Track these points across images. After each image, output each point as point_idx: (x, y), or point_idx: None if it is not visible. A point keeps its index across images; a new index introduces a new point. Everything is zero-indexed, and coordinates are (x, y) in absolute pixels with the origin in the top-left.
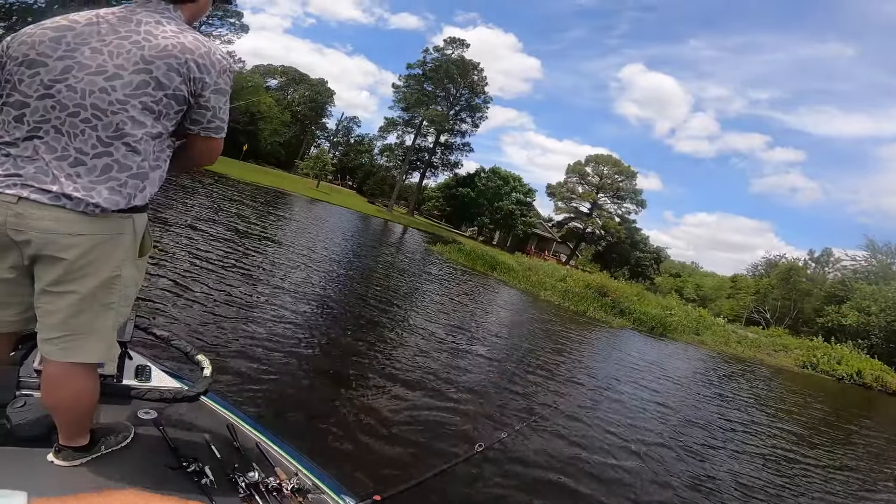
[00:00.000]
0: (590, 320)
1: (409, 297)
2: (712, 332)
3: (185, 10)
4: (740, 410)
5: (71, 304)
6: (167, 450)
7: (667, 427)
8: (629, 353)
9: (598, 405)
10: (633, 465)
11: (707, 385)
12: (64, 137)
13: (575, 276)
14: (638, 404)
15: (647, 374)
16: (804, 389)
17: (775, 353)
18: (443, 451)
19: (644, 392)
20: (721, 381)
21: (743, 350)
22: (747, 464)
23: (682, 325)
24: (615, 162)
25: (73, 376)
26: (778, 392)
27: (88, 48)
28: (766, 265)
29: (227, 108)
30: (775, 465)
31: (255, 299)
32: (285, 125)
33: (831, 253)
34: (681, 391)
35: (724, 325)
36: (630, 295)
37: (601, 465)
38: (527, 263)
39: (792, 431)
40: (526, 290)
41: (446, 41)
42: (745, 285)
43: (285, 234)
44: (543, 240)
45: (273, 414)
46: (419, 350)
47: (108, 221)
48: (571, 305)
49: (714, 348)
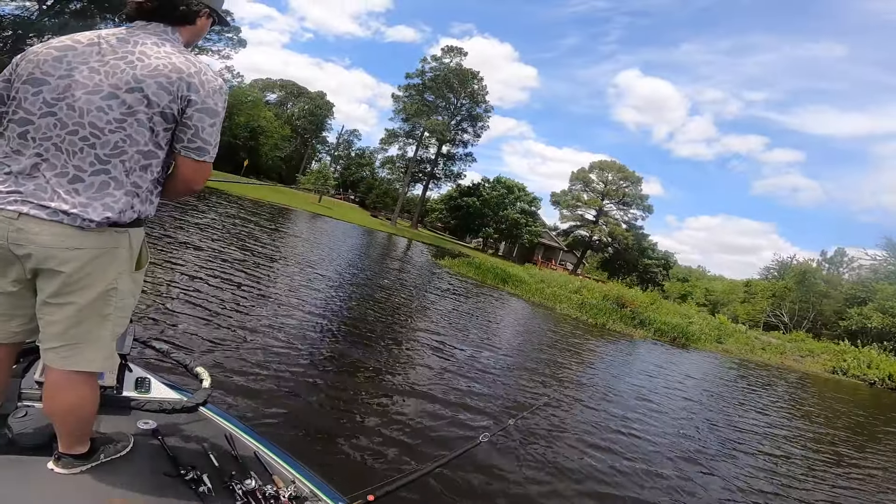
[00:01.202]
0: (610, 333)
1: (418, 313)
2: (735, 340)
3: (183, 33)
4: (785, 419)
5: (70, 315)
6: (166, 459)
7: (714, 437)
8: (657, 364)
9: (641, 418)
10: (703, 478)
11: (743, 394)
12: (63, 155)
13: (590, 287)
14: (678, 416)
15: (680, 385)
16: (838, 395)
17: (801, 358)
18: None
19: (680, 402)
20: (755, 391)
21: (769, 357)
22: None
23: (704, 334)
24: (619, 168)
25: (74, 384)
26: (814, 399)
27: (87, 67)
28: (779, 267)
29: (213, 131)
30: (837, 471)
31: (255, 314)
32: (285, 139)
33: (844, 252)
34: (719, 401)
35: (745, 332)
36: (647, 304)
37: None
38: (538, 275)
39: (846, 439)
40: (541, 304)
41: (444, 50)
42: (759, 289)
43: (287, 249)
44: (549, 249)
45: (272, 424)
46: (430, 367)
47: (104, 236)
48: (590, 318)
49: (739, 356)
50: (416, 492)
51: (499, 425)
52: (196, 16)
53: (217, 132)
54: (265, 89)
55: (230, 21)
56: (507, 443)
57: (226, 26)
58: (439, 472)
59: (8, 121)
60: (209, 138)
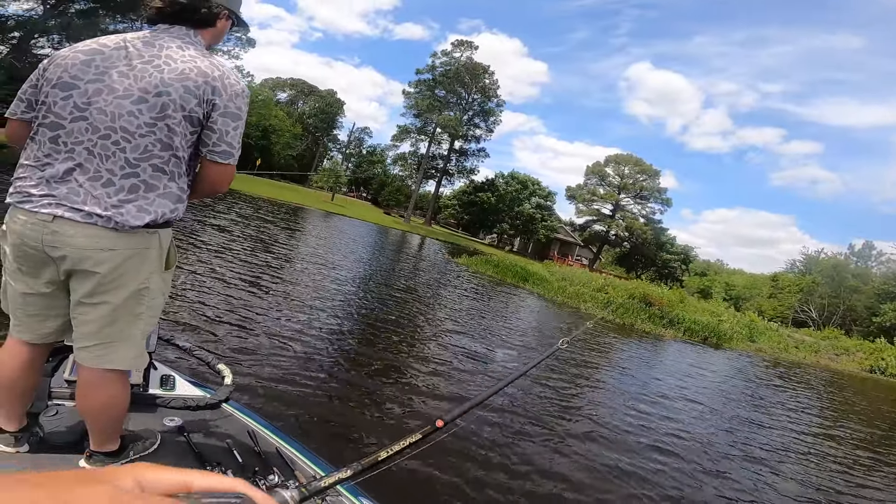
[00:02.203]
0: (640, 333)
1: (441, 313)
2: (767, 338)
3: (204, 35)
4: (834, 424)
5: (104, 315)
6: (192, 455)
7: (765, 439)
8: (695, 365)
9: (691, 425)
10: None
11: (787, 397)
12: (96, 159)
13: (615, 285)
14: (726, 422)
15: (721, 388)
16: (883, 395)
17: (836, 356)
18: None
19: (726, 405)
20: (797, 392)
21: (804, 356)
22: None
23: (736, 333)
24: (636, 161)
25: (107, 382)
26: (858, 399)
27: (116, 72)
28: (806, 261)
29: (237, 134)
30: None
31: (274, 312)
32: (297, 138)
33: (873, 246)
34: (765, 405)
35: (777, 330)
36: (675, 302)
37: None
38: (559, 272)
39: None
40: (564, 303)
41: (454, 44)
42: (787, 284)
43: (303, 248)
44: (565, 244)
45: (293, 421)
46: (454, 368)
47: (136, 237)
48: (617, 318)
49: (773, 356)
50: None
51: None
52: (216, 18)
53: (240, 135)
54: (275, 88)
55: (247, 23)
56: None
57: (245, 28)
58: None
59: (38, 125)
60: (233, 141)
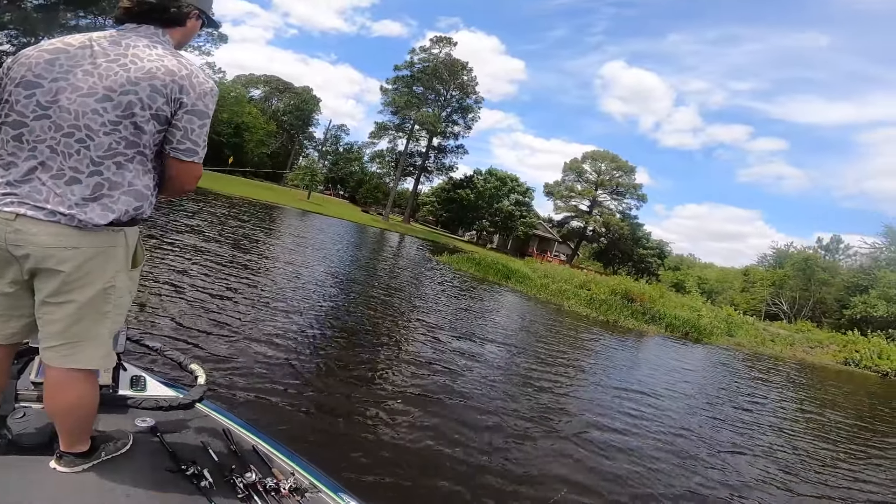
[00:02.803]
0: (624, 330)
1: (419, 311)
2: (745, 332)
3: (173, 35)
4: (836, 421)
5: (70, 313)
6: (166, 455)
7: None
8: (678, 361)
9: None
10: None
11: (777, 395)
12: (59, 157)
13: (597, 282)
14: (717, 418)
15: (709, 384)
16: (862, 390)
17: (811, 349)
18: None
19: (723, 407)
20: (787, 389)
21: (781, 349)
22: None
23: (715, 328)
24: (612, 157)
25: (74, 382)
26: (842, 395)
27: (81, 70)
28: (776, 255)
29: (202, 132)
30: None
31: (248, 312)
32: (271, 135)
33: (840, 240)
34: (760, 405)
35: (753, 324)
36: (656, 298)
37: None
38: (541, 270)
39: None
40: (548, 301)
41: (432, 40)
42: (759, 277)
43: (278, 248)
44: (544, 240)
45: (269, 419)
46: (431, 363)
47: (101, 235)
48: (601, 315)
49: (752, 350)
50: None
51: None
52: (186, 17)
53: (205, 133)
54: (248, 85)
55: (219, 22)
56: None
57: (216, 27)
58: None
59: (1, 123)
60: (198, 139)
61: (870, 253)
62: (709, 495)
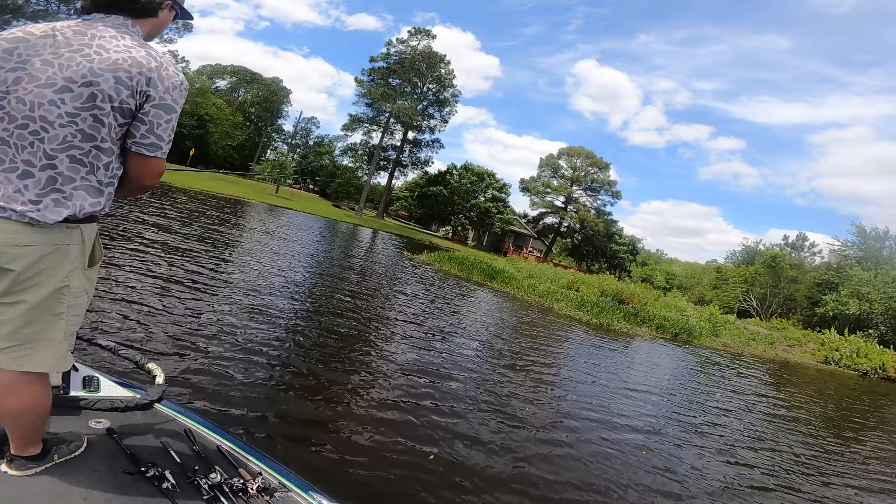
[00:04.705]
0: (616, 333)
1: (398, 313)
2: (728, 332)
3: (143, 25)
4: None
5: (21, 315)
6: (124, 457)
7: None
8: (691, 368)
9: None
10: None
11: (778, 396)
12: (11, 150)
13: (584, 281)
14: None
15: (727, 397)
16: (849, 390)
17: (790, 348)
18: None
19: (735, 421)
20: (783, 393)
21: (763, 349)
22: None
23: (703, 328)
24: (588, 154)
25: (25, 385)
26: (842, 397)
27: (39, 60)
28: (744, 251)
29: (168, 127)
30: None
31: (209, 312)
32: (237, 127)
33: (805, 237)
34: (774, 414)
35: (734, 323)
36: (649, 299)
37: None
38: (526, 269)
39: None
40: (536, 303)
41: (410, 32)
42: (731, 274)
43: (243, 245)
44: (520, 236)
45: (234, 419)
46: (413, 366)
47: (55, 232)
48: (593, 318)
49: (740, 350)
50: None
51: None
52: (158, 8)
53: (171, 128)
54: (214, 76)
55: (190, 12)
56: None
57: (189, 19)
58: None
59: None
60: (163, 134)
61: (838, 250)
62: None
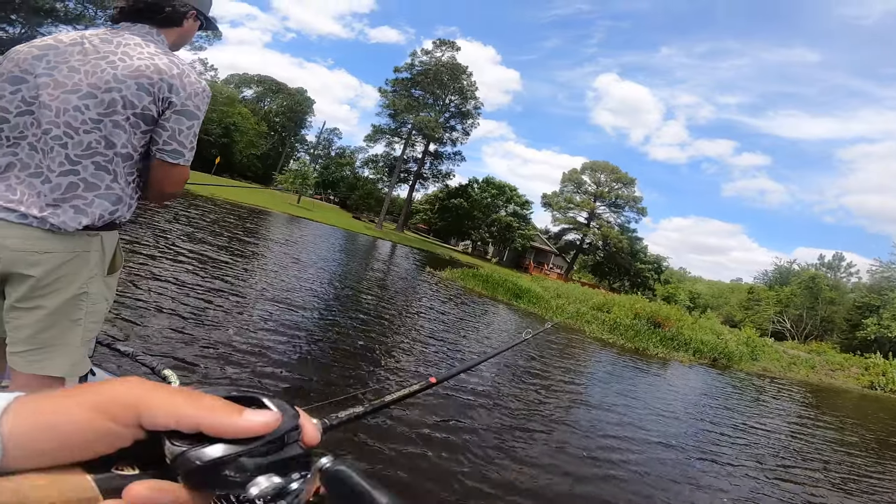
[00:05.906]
0: (654, 357)
1: (424, 335)
2: (767, 356)
3: (168, 35)
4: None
5: (39, 320)
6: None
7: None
8: (740, 397)
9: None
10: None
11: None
12: (38, 154)
13: (616, 303)
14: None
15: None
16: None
17: (832, 372)
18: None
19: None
20: (836, 419)
21: (806, 374)
22: None
23: (742, 353)
24: (613, 169)
25: (41, 389)
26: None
27: (66, 66)
28: (777, 272)
29: (190, 133)
30: None
31: (227, 321)
32: (261, 136)
33: (842, 257)
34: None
35: (772, 346)
36: (688, 322)
37: None
38: (552, 288)
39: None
40: (566, 325)
41: (435, 44)
42: (764, 295)
43: (266, 256)
44: (541, 252)
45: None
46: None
47: (75, 239)
48: (627, 342)
49: (781, 375)
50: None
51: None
52: (183, 17)
53: (194, 135)
54: (241, 85)
55: (217, 24)
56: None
57: (214, 29)
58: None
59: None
60: (185, 141)
61: (878, 271)
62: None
